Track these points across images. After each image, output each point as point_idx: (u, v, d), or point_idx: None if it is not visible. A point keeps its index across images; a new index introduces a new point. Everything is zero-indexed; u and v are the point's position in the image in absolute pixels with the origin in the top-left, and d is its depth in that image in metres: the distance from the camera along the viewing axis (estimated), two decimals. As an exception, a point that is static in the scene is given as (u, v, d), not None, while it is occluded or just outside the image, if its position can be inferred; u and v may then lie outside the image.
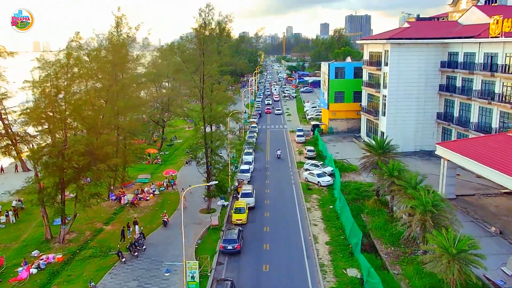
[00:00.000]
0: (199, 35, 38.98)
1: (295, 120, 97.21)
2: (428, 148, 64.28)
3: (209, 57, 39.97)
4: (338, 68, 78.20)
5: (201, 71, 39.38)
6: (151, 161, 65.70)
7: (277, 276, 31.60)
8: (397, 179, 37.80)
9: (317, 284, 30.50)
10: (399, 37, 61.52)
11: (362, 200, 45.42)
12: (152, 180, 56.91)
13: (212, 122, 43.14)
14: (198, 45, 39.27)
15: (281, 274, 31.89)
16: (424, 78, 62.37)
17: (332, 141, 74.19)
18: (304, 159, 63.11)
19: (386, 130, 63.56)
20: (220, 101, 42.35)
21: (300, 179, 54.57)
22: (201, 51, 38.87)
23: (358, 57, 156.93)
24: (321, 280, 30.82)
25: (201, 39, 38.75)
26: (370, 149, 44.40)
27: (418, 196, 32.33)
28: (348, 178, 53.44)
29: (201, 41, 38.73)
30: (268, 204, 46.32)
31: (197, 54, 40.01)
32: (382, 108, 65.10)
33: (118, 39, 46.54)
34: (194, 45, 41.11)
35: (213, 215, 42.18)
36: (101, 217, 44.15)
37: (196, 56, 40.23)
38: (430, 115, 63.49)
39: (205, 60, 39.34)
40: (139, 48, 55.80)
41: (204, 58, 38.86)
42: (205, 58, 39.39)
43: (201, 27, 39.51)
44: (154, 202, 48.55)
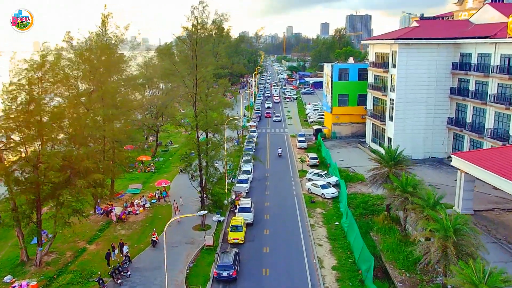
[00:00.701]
0: (192, 35, 35.05)
1: (296, 123, 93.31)
2: (438, 155, 60.51)
3: (204, 59, 36.08)
4: (342, 69, 74.29)
5: (194, 74, 35.48)
6: (143, 169, 61.85)
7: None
8: (411, 196, 33.96)
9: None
10: (408, 37, 57.62)
11: (371, 215, 41.60)
12: (144, 190, 53.07)
13: (206, 130, 39.30)
14: (191, 46, 35.35)
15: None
16: (434, 80, 58.55)
17: (336, 146, 70.30)
18: (306, 167, 59.24)
19: (394, 136, 59.74)
20: (216, 108, 38.41)
21: (302, 190, 50.69)
22: (194, 53, 34.97)
23: (360, 57, 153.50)
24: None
25: (193, 39, 34.83)
26: (380, 160, 40.48)
27: (438, 219, 28.45)
28: (354, 189, 49.55)
29: (193, 42, 34.82)
30: (268, 220, 42.45)
31: (190, 56, 36.06)
32: (389, 113, 61.23)
33: (104, 39, 42.66)
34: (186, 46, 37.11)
35: (208, 233, 38.31)
36: (84, 235, 40.30)
37: (189, 58, 36.30)
38: (441, 120, 59.65)
39: (199, 62, 35.47)
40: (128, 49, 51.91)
41: (197, 61, 34.97)
42: (199, 61, 35.51)
43: (194, 26, 35.59)
44: (144, 216, 44.68)
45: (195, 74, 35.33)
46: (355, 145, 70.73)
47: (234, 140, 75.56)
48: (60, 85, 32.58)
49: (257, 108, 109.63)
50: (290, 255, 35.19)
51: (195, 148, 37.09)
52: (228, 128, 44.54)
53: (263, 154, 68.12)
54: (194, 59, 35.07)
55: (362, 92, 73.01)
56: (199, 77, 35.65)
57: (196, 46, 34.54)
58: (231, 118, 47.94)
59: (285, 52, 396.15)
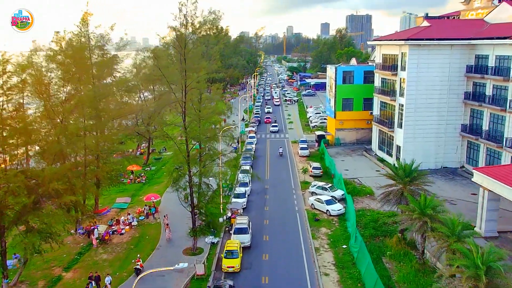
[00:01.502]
0: (180, 36, 30.62)
1: (297, 128, 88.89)
2: (450, 165, 56.14)
3: (194, 63, 31.64)
4: (346, 72, 69.86)
5: (183, 81, 31.10)
6: (134, 179, 57.48)
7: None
8: (431, 220, 29.62)
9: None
10: (419, 38, 53.21)
11: (382, 237, 37.22)
12: (132, 204, 48.74)
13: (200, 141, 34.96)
14: (179, 48, 30.93)
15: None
16: (447, 84, 54.17)
17: (340, 154, 65.90)
18: (309, 178, 54.86)
19: (403, 144, 55.39)
20: (208, 117, 34.00)
21: (305, 205, 46.30)
22: (183, 56, 30.58)
23: (361, 58, 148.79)
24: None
25: (182, 41, 30.42)
26: (394, 177, 36.06)
27: (467, 253, 24.10)
28: (362, 205, 45.16)
29: (182, 44, 30.43)
30: (267, 242, 38.05)
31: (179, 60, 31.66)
32: (398, 119, 56.83)
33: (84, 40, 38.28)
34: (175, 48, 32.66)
35: (199, 260, 33.92)
36: (61, 260, 35.94)
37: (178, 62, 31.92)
38: (454, 127, 55.28)
39: (188, 67, 31.09)
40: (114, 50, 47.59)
41: (186, 65, 30.58)
42: (188, 65, 31.13)
43: (182, 25, 31.16)
44: (130, 236, 40.27)
45: (184, 80, 30.94)
46: (360, 153, 66.31)
47: (231, 146, 72.00)
48: (29, 93, 28.20)
49: (256, 111, 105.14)
50: (293, 287, 30.83)
51: (184, 162, 32.68)
52: (223, 141, 40.08)
53: (262, 163, 63.76)
54: (183, 63, 30.67)
55: (367, 96, 68.63)
56: (188, 84, 31.25)
57: (185, 49, 30.14)
58: (226, 127, 43.46)
59: (285, 52, 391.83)
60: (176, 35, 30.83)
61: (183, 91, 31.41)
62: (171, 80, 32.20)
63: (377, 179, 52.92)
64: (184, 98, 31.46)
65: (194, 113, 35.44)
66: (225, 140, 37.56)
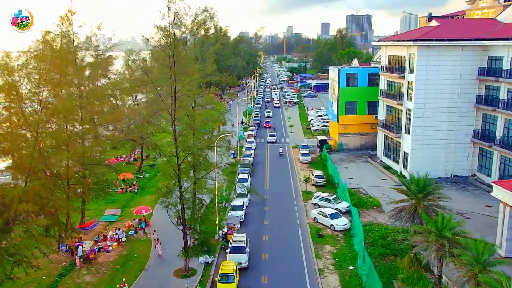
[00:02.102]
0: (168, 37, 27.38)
1: (298, 132, 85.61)
2: (461, 173, 52.94)
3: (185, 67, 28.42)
4: (349, 74, 66.58)
5: (172, 86, 27.87)
6: (125, 189, 54.21)
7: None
8: (449, 243, 26.36)
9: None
10: (429, 38, 49.97)
11: (393, 256, 33.99)
12: (122, 217, 45.49)
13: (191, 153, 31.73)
14: (167, 50, 27.69)
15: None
16: (458, 88, 50.99)
17: (343, 161, 62.66)
18: (311, 187, 51.63)
19: (411, 151, 52.17)
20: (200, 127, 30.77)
21: (307, 218, 43.06)
22: (172, 59, 27.35)
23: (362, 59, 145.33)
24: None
25: (171, 42, 27.20)
26: (405, 191, 32.76)
27: (496, 286, 20.92)
28: (368, 218, 41.93)
29: (171, 46, 27.20)
30: (266, 261, 34.77)
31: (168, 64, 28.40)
32: (405, 125, 53.61)
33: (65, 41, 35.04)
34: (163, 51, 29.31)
35: (190, 285, 30.68)
36: (40, 282, 32.69)
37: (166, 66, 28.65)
38: (465, 133, 52.08)
39: (178, 71, 27.86)
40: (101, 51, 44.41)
41: (175, 69, 27.36)
42: (178, 69, 27.90)
43: (171, 24, 27.89)
44: (118, 255, 36.99)
45: (173, 86, 27.72)
46: (365, 159, 63.08)
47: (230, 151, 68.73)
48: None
49: (255, 114, 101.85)
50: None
51: (174, 178, 29.46)
52: (218, 154, 36.81)
53: (262, 170, 60.52)
54: (172, 67, 27.43)
55: (372, 99, 65.45)
56: (178, 90, 28.04)
57: (174, 51, 26.91)
58: (222, 134, 40.21)
59: (285, 52, 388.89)
60: (165, 35, 27.55)
61: (172, 97, 28.16)
62: (160, 86, 28.97)
63: (384, 189, 49.82)
64: (174, 105, 28.22)
65: (187, 120, 32.35)
66: (220, 153, 34.20)
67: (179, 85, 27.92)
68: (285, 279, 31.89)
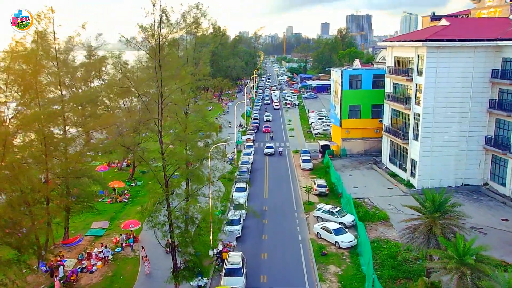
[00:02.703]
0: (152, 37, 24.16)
1: (298, 135, 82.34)
2: (473, 182, 49.82)
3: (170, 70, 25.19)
4: (353, 76, 63.29)
5: (158, 93, 24.67)
6: (115, 198, 50.97)
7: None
8: (471, 271, 23.18)
9: None
10: (439, 38, 46.77)
11: (404, 280, 30.80)
12: (110, 230, 42.32)
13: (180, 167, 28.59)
14: (152, 53, 24.48)
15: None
16: (470, 91, 47.81)
17: (347, 167, 59.45)
18: (313, 197, 48.42)
19: (420, 158, 48.97)
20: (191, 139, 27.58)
21: (309, 233, 39.85)
22: (157, 63, 24.14)
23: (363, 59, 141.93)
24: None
25: (156, 43, 24.00)
26: (419, 209, 29.54)
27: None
28: (376, 234, 38.72)
29: (156, 47, 23.99)
30: (265, 284, 31.55)
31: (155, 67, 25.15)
32: (413, 130, 50.41)
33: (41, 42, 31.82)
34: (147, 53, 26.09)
35: (180, 315, 27.52)
36: (15, 308, 29.45)
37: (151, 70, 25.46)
38: (476, 139, 48.92)
39: (165, 75, 24.65)
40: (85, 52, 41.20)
41: (161, 75, 24.15)
42: (165, 73, 24.69)
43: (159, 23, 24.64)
44: (102, 275, 33.78)
45: (159, 93, 24.52)
46: (369, 166, 59.86)
47: (227, 156, 65.58)
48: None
49: (255, 116, 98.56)
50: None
51: (162, 197, 26.31)
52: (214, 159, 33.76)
53: (260, 177, 57.31)
54: (158, 72, 24.22)
55: (376, 103, 62.22)
56: (165, 97, 24.85)
57: (159, 54, 23.71)
58: (217, 142, 37.00)
59: (285, 52, 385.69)
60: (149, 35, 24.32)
61: (158, 105, 24.95)
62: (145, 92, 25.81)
63: (391, 200, 46.73)
64: (160, 114, 25.01)
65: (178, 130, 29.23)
66: (213, 168, 31.04)
67: (167, 92, 24.73)
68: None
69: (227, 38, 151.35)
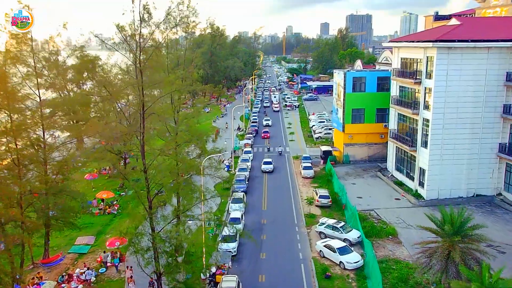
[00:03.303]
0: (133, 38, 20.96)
1: (299, 140, 79.04)
2: (485, 192, 46.65)
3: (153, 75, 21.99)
4: (356, 78, 60.07)
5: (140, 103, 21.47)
6: (103, 209, 47.72)
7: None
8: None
9: None
10: (451, 39, 43.57)
11: (418, 308, 27.63)
12: (96, 246, 39.10)
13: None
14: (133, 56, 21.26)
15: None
16: (483, 96, 44.68)
17: (350, 175, 56.23)
18: (315, 208, 45.19)
19: (429, 167, 45.80)
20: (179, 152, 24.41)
21: (311, 250, 36.63)
22: (138, 68, 20.94)
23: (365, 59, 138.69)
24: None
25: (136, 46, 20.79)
26: (437, 231, 26.34)
27: None
28: (384, 252, 35.50)
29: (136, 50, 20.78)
30: (262, 314, 28.42)
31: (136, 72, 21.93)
32: (422, 137, 47.22)
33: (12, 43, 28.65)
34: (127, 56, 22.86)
35: None
36: None
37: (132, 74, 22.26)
38: (490, 147, 45.78)
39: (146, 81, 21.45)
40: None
41: (142, 82, 20.94)
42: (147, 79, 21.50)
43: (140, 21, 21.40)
44: (83, 301, 30.60)
45: (141, 103, 21.32)
46: (374, 174, 56.62)
47: (224, 163, 62.36)
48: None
49: (253, 119, 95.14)
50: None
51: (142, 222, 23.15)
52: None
53: (259, 186, 54.09)
54: (139, 77, 21.01)
55: (381, 106, 59.08)
56: (148, 106, 21.63)
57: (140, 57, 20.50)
58: (210, 153, 33.79)
59: (285, 52, 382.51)
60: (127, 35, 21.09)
61: (140, 116, 21.74)
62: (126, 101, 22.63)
63: (399, 212, 43.60)
64: (142, 126, 21.79)
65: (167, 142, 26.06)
66: (205, 189, 27.84)
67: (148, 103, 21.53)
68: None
69: (226, 38, 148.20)
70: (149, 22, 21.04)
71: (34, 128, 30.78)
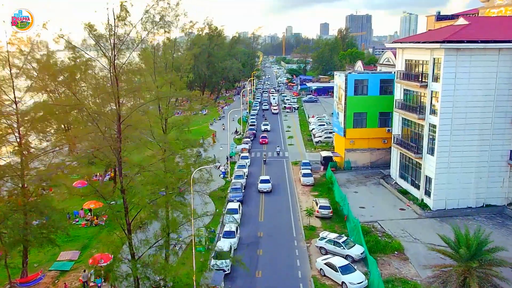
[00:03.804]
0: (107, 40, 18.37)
1: (298, 144, 76.35)
2: (495, 202, 44.08)
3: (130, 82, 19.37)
4: (358, 81, 57.37)
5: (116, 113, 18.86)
6: (91, 220, 45.04)
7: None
8: None
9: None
10: (459, 39, 40.97)
11: (429, 338, 24.98)
12: (80, 262, 36.41)
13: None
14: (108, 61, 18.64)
15: None
16: (493, 100, 42.15)
17: (352, 183, 53.59)
18: (315, 219, 42.57)
19: (436, 175, 43.19)
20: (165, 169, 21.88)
21: (311, 268, 33.98)
22: (113, 74, 18.34)
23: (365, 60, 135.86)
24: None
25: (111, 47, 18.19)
26: (451, 254, 23.71)
27: None
28: (389, 270, 32.84)
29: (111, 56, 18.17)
30: None
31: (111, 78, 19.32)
32: (428, 143, 44.61)
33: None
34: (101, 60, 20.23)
35: None
36: None
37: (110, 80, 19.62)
38: (500, 154, 43.24)
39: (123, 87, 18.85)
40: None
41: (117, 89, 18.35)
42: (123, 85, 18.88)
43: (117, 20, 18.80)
44: (61, 328, 27.95)
45: (117, 113, 18.70)
46: (376, 181, 53.97)
47: (220, 169, 59.71)
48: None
49: (252, 122, 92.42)
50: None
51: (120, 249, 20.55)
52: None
53: (256, 196, 51.41)
54: (114, 85, 18.40)
55: (384, 110, 56.54)
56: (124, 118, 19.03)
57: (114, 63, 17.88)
58: (202, 164, 31.16)
59: (284, 52, 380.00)
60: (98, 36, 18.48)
61: (117, 131, 19.11)
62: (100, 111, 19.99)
63: (404, 224, 41.01)
64: (119, 142, 19.16)
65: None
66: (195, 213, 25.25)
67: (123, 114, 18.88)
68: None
69: (224, 38, 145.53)
70: (125, 21, 18.50)
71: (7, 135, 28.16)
